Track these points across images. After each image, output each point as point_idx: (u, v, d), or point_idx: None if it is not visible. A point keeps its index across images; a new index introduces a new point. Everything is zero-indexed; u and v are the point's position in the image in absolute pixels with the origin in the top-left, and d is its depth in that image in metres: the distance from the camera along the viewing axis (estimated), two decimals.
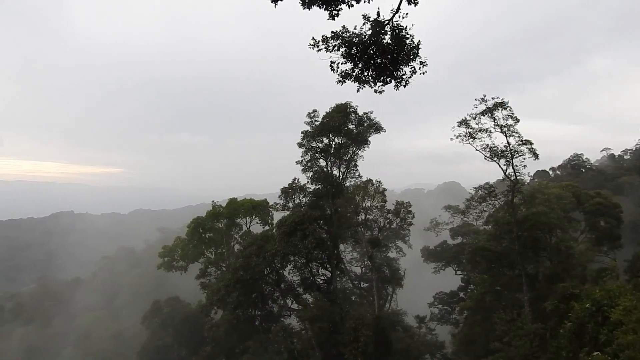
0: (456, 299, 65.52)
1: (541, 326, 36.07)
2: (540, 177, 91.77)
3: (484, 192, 48.97)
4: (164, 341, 70.18)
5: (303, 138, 55.03)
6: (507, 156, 41.83)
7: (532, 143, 41.21)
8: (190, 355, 64.93)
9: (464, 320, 53.99)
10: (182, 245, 67.34)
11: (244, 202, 67.52)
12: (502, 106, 40.99)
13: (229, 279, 52.16)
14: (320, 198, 55.35)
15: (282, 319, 54.42)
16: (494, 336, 39.52)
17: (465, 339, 48.85)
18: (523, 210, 45.77)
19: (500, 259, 45.94)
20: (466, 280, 64.35)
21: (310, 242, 48.17)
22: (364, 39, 16.87)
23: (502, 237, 46.23)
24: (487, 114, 41.53)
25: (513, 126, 41.15)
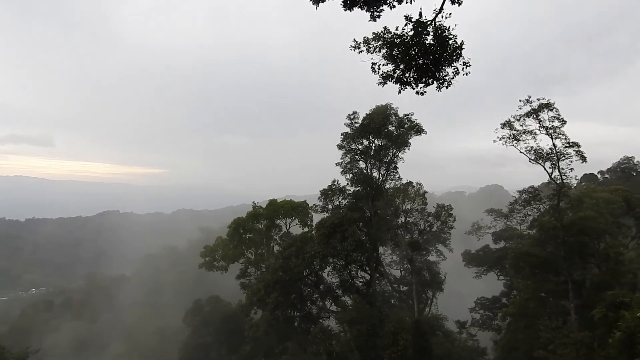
0: (498, 304, 64.02)
1: (588, 335, 34.79)
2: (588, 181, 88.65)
3: (528, 196, 47.60)
4: (205, 339, 71.28)
5: (343, 140, 55.00)
6: (552, 159, 40.56)
7: (579, 145, 39.81)
8: (230, 354, 65.73)
9: (507, 326, 52.65)
10: (223, 246, 68.18)
11: (284, 204, 67.87)
12: (548, 107, 39.77)
13: (268, 279, 52.51)
14: (359, 200, 55.15)
15: (320, 321, 54.41)
16: (538, 344, 38.37)
17: (508, 346, 47.66)
18: (570, 215, 44.22)
19: (544, 264, 44.57)
20: (509, 286, 62.82)
21: (349, 244, 48.04)
22: (405, 39, 16.71)
23: (547, 242, 44.82)
24: (532, 116, 40.37)
25: (559, 128, 39.83)
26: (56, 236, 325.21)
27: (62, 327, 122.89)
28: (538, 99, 40.13)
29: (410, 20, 16.31)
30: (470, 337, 56.08)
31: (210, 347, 70.98)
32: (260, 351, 57.75)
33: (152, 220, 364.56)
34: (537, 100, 40.14)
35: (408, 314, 49.20)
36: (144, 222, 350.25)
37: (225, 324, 69.31)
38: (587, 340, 34.53)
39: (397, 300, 55.56)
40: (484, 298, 67.89)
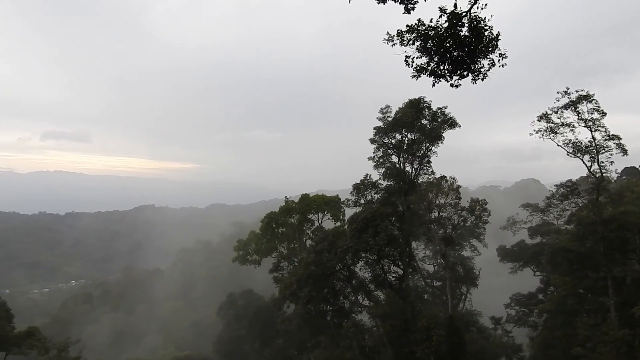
0: (534, 300, 62.90)
1: (629, 332, 33.87)
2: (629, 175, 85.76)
3: (566, 190, 46.39)
4: (239, 332, 72.17)
5: (375, 134, 54.65)
6: (591, 152, 39.50)
7: (620, 138, 38.63)
8: (263, 348, 66.39)
9: (543, 323, 51.72)
10: (256, 240, 68.75)
11: (316, 198, 67.97)
12: (587, 99, 38.68)
13: (301, 273, 52.72)
14: (392, 194, 54.74)
15: (353, 315, 54.39)
16: (576, 341, 37.59)
17: (545, 343, 46.83)
18: (609, 210, 42.96)
19: (583, 260, 43.54)
20: (545, 282, 61.60)
21: (381, 239, 47.80)
22: (440, 31, 16.50)
23: (585, 237, 43.73)
24: (570, 108, 39.36)
25: (599, 120, 38.70)
26: (94, 230, 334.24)
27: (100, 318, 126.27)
28: (577, 91, 39.12)
29: (445, 11, 16.10)
30: (506, 334, 55.33)
31: (243, 340, 71.85)
32: (293, 345, 58.20)
33: (186, 215, 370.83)
34: (575, 92, 39.13)
35: (441, 309, 48.70)
36: (179, 217, 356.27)
37: (259, 317, 70.00)
38: (627, 338, 33.64)
39: (431, 295, 55.05)
40: (520, 294, 66.76)
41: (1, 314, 50.34)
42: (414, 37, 16.82)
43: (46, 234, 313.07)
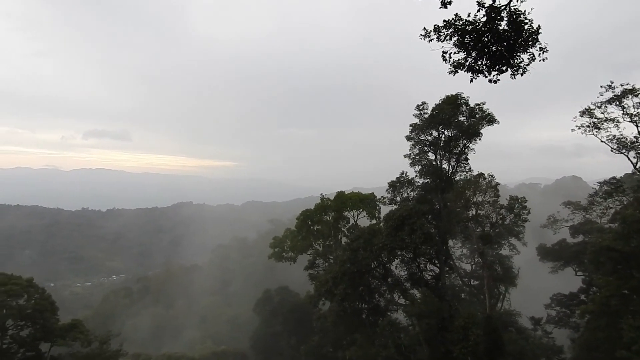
0: (576, 301, 61.10)
1: None
2: None
3: (610, 188, 45.06)
4: (274, 328, 72.82)
5: (411, 131, 54.14)
6: (637, 148, 38.18)
7: None
8: (299, 344, 66.77)
9: (585, 324, 50.22)
10: (292, 237, 69.09)
11: (352, 196, 67.80)
12: (633, 93, 37.37)
13: (336, 271, 52.70)
14: (428, 192, 54.19)
15: (389, 313, 54.06)
16: (621, 344, 36.33)
17: (587, 345, 45.48)
18: None
19: (628, 260, 42.05)
20: (588, 282, 59.79)
21: (418, 237, 47.32)
22: (478, 26, 16.31)
23: (631, 236, 42.22)
24: (615, 102, 38.14)
25: None
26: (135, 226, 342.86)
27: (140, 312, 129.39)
28: (622, 85, 37.83)
29: (483, 5, 15.90)
30: (546, 335, 54.02)
31: (279, 336, 72.47)
32: (328, 342, 58.31)
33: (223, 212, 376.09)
34: (620, 86, 37.86)
35: (479, 308, 47.95)
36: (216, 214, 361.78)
37: (294, 314, 70.49)
38: None
39: (468, 294, 54.24)
40: (561, 294, 64.99)
41: (46, 306, 51.94)
42: (451, 32, 16.70)
43: (89, 230, 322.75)
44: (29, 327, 51.22)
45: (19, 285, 51.47)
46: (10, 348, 50.31)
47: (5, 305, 50.02)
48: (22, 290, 51.46)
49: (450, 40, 16.78)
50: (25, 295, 51.68)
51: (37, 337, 51.04)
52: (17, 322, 50.95)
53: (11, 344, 50.53)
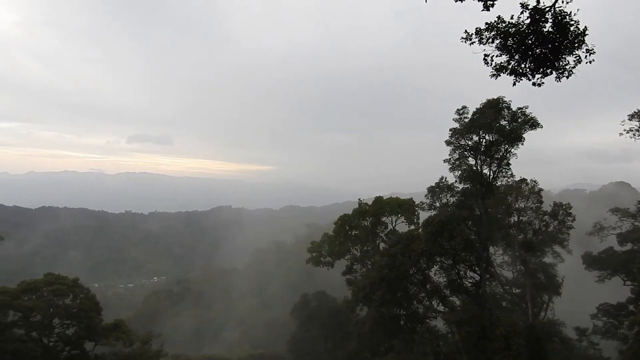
0: (624, 312, 58.85)
1: None
2: None
3: None
4: (312, 333, 72.82)
5: (451, 135, 53.37)
6: None
7: None
8: (336, 349, 66.63)
9: (634, 336, 48.27)
10: (329, 242, 69.04)
11: (390, 201, 67.40)
12: None
13: (374, 276, 52.43)
14: (468, 198, 53.30)
15: (427, 320, 53.45)
16: None
17: (635, 357, 43.76)
18: None
19: None
20: (637, 292, 57.57)
21: (457, 243, 46.59)
22: (521, 28, 16.04)
23: None
24: None
25: None
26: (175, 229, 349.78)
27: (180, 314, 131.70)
28: None
29: (527, 7, 15.63)
30: (592, 346, 52.26)
31: (316, 341, 72.44)
32: (365, 347, 57.95)
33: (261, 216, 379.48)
34: None
35: (521, 317, 46.77)
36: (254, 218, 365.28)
37: (332, 319, 70.32)
38: None
39: (509, 303, 53.03)
40: (608, 304, 62.73)
41: (91, 306, 53.44)
42: (494, 35, 16.49)
43: (132, 232, 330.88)
44: (74, 326, 52.79)
45: (66, 285, 53.12)
46: (56, 346, 51.95)
47: (52, 304, 51.72)
48: (68, 290, 53.09)
49: (492, 43, 16.55)
50: (71, 295, 53.31)
51: (81, 336, 52.54)
52: (63, 321, 52.62)
53: (57, 342, 52.17)
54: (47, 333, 51.74)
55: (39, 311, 50.90)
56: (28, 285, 52.19)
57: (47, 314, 51.17)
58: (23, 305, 50.16)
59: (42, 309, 50.89)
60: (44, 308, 50.96)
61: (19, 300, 50.36)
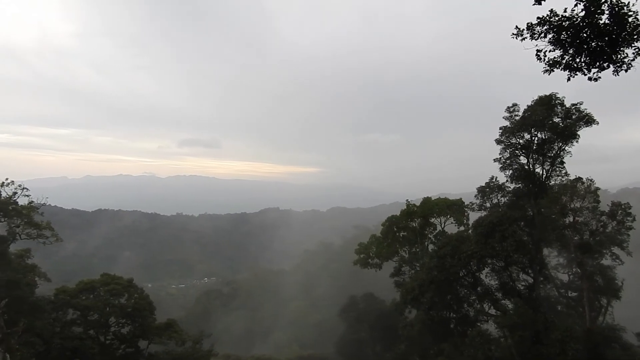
0: None
1: None
2: None
3: None
4: (360, 335, 72.54)
5: (501, 134, 52.05)
6: None
7: None
8: (384, 352, 66.06)
9: None
10: (377, 243, 68.57)
11: (438, 202, 66.36)
12: None
13: (423, 278, 51.74)
14: (520, 198, 51.85)
15: (478, 324, 52.19)
16: None
17: None
18: None
19: None
20: None
21: (509, 245, 45.34)
22: (575, 21, 15.41)
23: None
24: None
25: None
26: (225, 230, 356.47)
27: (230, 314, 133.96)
28: None
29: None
30: None
31: (364, 343, 72.10)
32: (414, 351, 57.20)
33: (308, 217, 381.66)
34: None
35: (578, 322, 45.06)
36: (302, 219, 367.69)
37: (380, 321, 69.81)
38: None
39: (565, 306, 51.18)
40: None
41: (145, 306, 55.12)
42: (546, 29, 15.94)
43: (183, 234, 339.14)
44: (129, 324, 54.59)
45: (121, 285, 54.96)
46: (112, 344, 53.80)
47: (108, 303, 53.62)
48: (123, 290, 54.93)
49: (544, 37, 16.02)
50: (126, 294, 55.15)
51: (136, 334, 54.24)
52: (118, 320, 54.50)
53: (113, 340, 54.06)
54: (103, 331, 53.69)
55: (96, 310, 52.91)
56: (86, 285, 54.34)
57: (103, 313, 53.10)
58: (81, 304, 52.26)
59: (99, 308, 52.86)
60: (100, 307, 52.91)
61: (78, 299, 52.49)
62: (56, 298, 51.57)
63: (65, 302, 51.67)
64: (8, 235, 45.96)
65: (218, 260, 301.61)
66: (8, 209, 45.43)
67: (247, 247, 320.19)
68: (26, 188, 47.81)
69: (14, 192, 46.70)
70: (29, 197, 47.97)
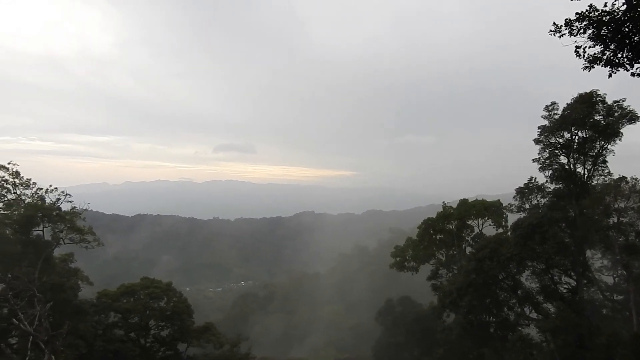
0: None
1: None
2: None
3: None
4: (397, 339, 71.88)
5: (540, 133, 50.75)
6: None
7: None
8: (422, 356, 65.28)
9: None
10: (413, 246, 67.99)
11: (475, 203, 65.35)
12: None
13: (461, 281, 51.01)
14: (561, 198, 50.42)
15: (519, 328, 51.07)
16: None
17: None
18: None
19: None
20: None
21: (550, 247, 44.27)
22: (616, 16, 14.96)
23: None
24: None
25: None
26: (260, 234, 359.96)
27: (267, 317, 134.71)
28: None
29: None
30: None
31: (402, 347, 71.38)
32: (453, 355, 56.30)
33: (343, 221, 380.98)
34: None
35: (624, 326, 43.45)
36: (337, 223, 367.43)
37: (417, 325, 69.04)
38: None
39: (610, 310, 49.42)
40: None
41: (183, 309, 56.07)
42: (585, 25, 15.55)
43: (220, 238, 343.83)
44: (168, 327, 55.60)
45: (160, 288, 56.02)
46: (152, 346, 54.87)
47: (148, 306, 54.71)
48: (163, 294, 55.99)
49: (584, 33, 15.61)
50: (165, 298, 56.22)
51: (175, 337, 55.21)
52: (158, 323, 55.59)
53: (153, 343, 55.13)
54: (144, 334, 54.82)
55: (137, 313, 54.12)
56: (127, 289, 55.61)
57: (143, 316, 54.25)
58: (122, 308, 53.51)
59: (139, 311, 54.05)
60: (141, 310, 54.08)
61: (119, 303, 53.79)
62: (98, 301, 53.00)
63: (107, 305, 53.01)
64: (52, 240, 47.40)
65: (254, 264, 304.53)
66: (52, 214, 46.81)
67: (282, 251, 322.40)
68: (69, 194, 49.29)
69: (58, 199, 48.25)
70: (72, 203, 49.37)
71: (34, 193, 48.21)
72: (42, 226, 47.11)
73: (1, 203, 47.01)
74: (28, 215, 45.23)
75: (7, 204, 46.81)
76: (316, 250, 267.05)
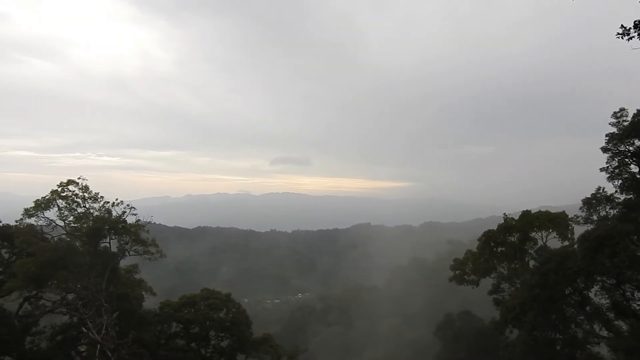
0: None
1: None
2: None
3: None
4: (457, 355, 70.02)
5: (608, 141, 48.42)
6: None
7: None
8: None
9: None
10: (473, 259, 66.10)
11: (539, 215, 62.88)
12: None
13: (524, 296, 49.01)
14: (632, 209, 47.73)
15: (588, 346, 48.47)
16: None
17: None
18: None
19: None
20: None
21: (621, 261, 41.81)
22: None
23: None
24: None
25: None
26: (317, 246, 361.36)
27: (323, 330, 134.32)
28: None
29: None
30: None
31: None
32: None
33: (400, 233, 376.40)
34: None
35: None
36: (393, 235, 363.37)
37: (478, 340, 67.01)
38: None
39: None
40: None
41: (242, 320, 56.80)
42: None
43: (277, 250, 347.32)
44: (228, 338, 56.42)
45: (219, 299, 57.03)
46: (212, 357, 55.77)
47: (208, 317, 55.77)
48: (222, 304, 56.97)
49: None
50: (224, 308, 57.17)
51: (234, 348, 55.94)
52: (218, 333, 56.53)
53: (213, 353, 56.04)
54: (204, 344, 55.86)
55: (197, 323, 55.25)
56: (187, 300, 56.95)
57: (204, 326, 55.33)
58: (184, 318, 54.80)
59: (199, 322, 55.16)
60: (201, 320, 55.19)
61: (181, 313, 55.13)
62: (161, 311, 54.53)
63: (169, 315, 54.43)
64: (119, 252, 49.38)
65: (311, 276, 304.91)
66: (118, 227, 48.74)
67: (339, 263, 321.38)
68: (134, 207, 51.27)
69: (123, 211, 50.29)
70: (136, 216, 51.28)
71: (102, 206, 50.49)
72: (109, 238, 49.20)
73: (72, 216, 49.52)
74: (96, 227, 47.29)
75: (77, 217, 49.26)
76: (373, 262, 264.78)
